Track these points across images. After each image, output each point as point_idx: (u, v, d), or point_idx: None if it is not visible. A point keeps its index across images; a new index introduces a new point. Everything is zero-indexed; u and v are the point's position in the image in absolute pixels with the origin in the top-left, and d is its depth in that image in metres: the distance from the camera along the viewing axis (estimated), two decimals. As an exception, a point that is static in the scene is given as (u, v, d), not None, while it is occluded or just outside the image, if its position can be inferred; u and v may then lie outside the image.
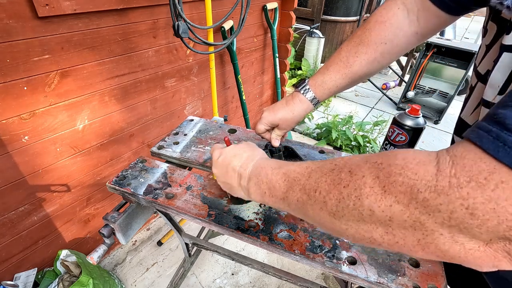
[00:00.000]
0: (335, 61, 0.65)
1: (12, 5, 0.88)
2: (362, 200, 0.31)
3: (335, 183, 0.35)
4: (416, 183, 0.28)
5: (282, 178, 0.44)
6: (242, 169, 0.52)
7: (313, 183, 0.38)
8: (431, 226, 0.27)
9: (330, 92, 0.67)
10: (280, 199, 0.43)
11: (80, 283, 1.17)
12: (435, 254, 0.29)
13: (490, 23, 0.46)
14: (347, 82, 0.65)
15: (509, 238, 0.24)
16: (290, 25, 2.29)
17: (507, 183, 0.23)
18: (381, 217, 0.30)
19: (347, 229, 0.34)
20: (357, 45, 0.62)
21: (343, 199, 0.33)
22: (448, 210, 0.26)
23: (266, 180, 0.46)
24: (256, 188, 0.48)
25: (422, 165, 0.28)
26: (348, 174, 0.34)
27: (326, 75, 0.66)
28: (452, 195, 0.25)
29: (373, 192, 0.30)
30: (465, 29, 5.63)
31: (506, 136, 0.23)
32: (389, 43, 0.61)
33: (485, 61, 0.47)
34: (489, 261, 0.26)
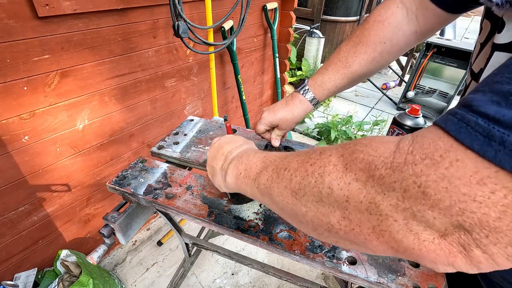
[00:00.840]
0: (334, 61, 0.65)
1: (12, 5, 0.88)
2: (323, 177, 0.31)
3: (304, 162, 0.35)
4: (375, 160, 0.27)
5: (260, 160, 0.44)
6: (229, 153, 0.52)
7: (285, 163, 0.38)
8: (385, 210, 0.26)
9: (330, 92, 0.67)
10: (252, 180, 0.43)
11: (80, 283, 1.17)
12: (389, 245, 0.27)
13: (485, 21, 0.45)
14: (347, 82, 0.65)
15: (463, 226, 0.22)
16: (290, 25, 2.29)
17: (462, 161, 0.22)
18: (339, 197, 0.29)
19: (307, 212, 0.33)
20: (356, 44, 0.62)
21: (306, 176, 0.33)
22: (401, 189, 0.25)
23: (246, 161, 0.46)
24: (234, 169, 0.48)
25: (384, 143, 0.28)
26: (318, 154, 0.34)
27: (326, 75, 0.66)
28: (405, 172, 0.25)
29: (336, 169, 0.30)
30: (465, 29, 5.64)
31: (469, 117, 0.22)
32: (388, 43, 0.61)
33: (478, 60, 0.47)
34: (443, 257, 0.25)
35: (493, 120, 0.21)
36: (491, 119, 0.21)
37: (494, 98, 0.22)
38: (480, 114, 0.22)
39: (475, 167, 0.21)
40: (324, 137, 2.82)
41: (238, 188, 0.48)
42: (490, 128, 0.21)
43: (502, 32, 0.36)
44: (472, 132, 0.22)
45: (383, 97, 3.93)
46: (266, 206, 0.45)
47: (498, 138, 0.20)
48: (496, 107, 0.21)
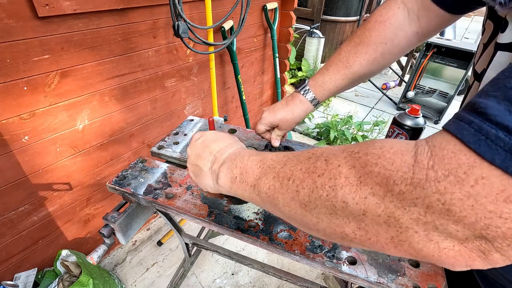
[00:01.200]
0: (335, 61, 0.65)
1: (12, 5, 0.88)
2: (336, 190, 0.30)
3: (310, 172, 0.33)
4: (392, 174, 0.26)
5: (257, 164, 0.41)
6: (219, 154, 0.49)
7: (287, 171, 0.36)
8: (405, 223, 0.26)
9: (330, 92, 0.67)
10: (250, 186, 0.41)
11: (80, 283, 1.17)
12: (408, 252, 0.28)
13: (487, 22, 0.45)
14: (347, 83, 0.65)
15: (485, 237, 0.23)
16: (290, 25, 2.29)
17: (487, 179, 0.21)
18: (354, 210, 0.28)
19: (318, 223, 0.33)
20: (357, 45, 0.62)
21: (316, 189, 0.31)
22: (424, 205, 0.24)
23: (241, 164, 0.43)
24: (228, 172, 0.45)
25: (399, 154, 0.27)
26: (324, 163, 0.32)
27: (326, 75, 0.65)
28: (428, 189, 0.24)
29: (348, 182, 0.29)
30: (465, 29, 5.63)
31: (488, 129, 0.22)
32: (389, 43, 0.60)
33: (481, 60, 0.47)
34: (462, 261, 0.25)
35: None
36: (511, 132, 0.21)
37: (511, 108, 0.21)
38: (498, 126, 0.21)
39: (501, 185, 0.21)
40: (324, 137, 2.82)
41: (233, 192, 0.45)
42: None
43: (505, 32, 0.36)
44: (493, 146, 0.21)
45: (383, 97, 3.93)
46: (268, 211, 0.43)
47: None
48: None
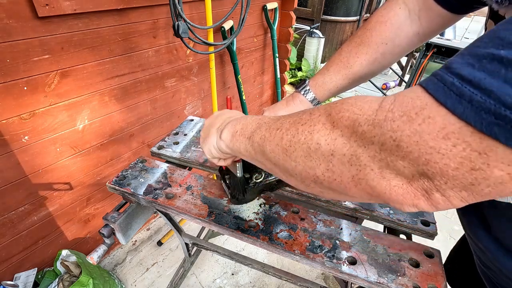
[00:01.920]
0: (335, 61, 0.65)
1: (12, 5, 0.88)
2: (312, 134, 0.34)
3: (296, 122, 0.37)
4: (359, 117, 0.30)
5: (256, 121, 0.46)
6: (229, 119, 0.53)
7: (278, 124, 0.40)
8: (364, 160, 0.29)
9: (331, 92, 0.67)
10: (247, 138, 0.45)
11: (80, 283, 1.17)
12: (365, 191, 0.31)
13: (489, 22, 0.46)
14: (348, 83, 0.65)
15: (427, 174, 0.26)
16: (290, 25, 2.29)
17: (433, 118, 0.24)
18: (325, 151, 0.32)
19: (296, 166, 0.37)
20: (358, 45, 0.62)
21: (297, 134, 0.36)
22: (379, 142, 0.28)
23: (244, 121, 0.48)
24: (231, 127, 0.49)
25: (368, 102, 0.30)
26: (308, 115, 0.37)
27: (327, 75, 0.65)
28: (384, 128, 0.27)
29: (324, 127, 0.33)
30: (465, 29, 5.64)
31: (447, 78, 0.25)
32: (390, 43, 0.60)
33: None
34: (409, 199, 0.28)
35: (466, 80, 0.23)
36: (465, 79, 0.23)
37: (470, 60, 0.24)
38: (456, 75, 0.24)
39: (443, 123, 0.24)
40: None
41: (232, 145, 0.49)
42: (463, 88, 0.23)
43: None
44: (447, 91, 0.24)
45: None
46: (258, 164, 0.47)
47: (467, 96, 0.23)
48: (470, 69, 0.23)
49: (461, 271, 0.70)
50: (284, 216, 0.70)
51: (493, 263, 0.48)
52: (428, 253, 0.62)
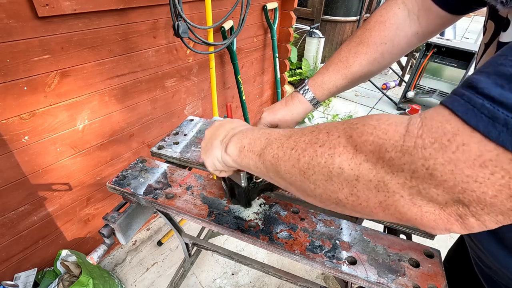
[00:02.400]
0: (334, 61, 0.65)
1: (12, 5, 0.88)
2: (334, 158, 0.32)
3: (312, 142, 0.35)
4: (385, 143, 0.28)
5: (264, 136, 0.44)
6: (232, 130, 0.51)
7: (292, 142, 0.38)
8: (393, 187, 0.28)
9: (330, 92, 0.66)
10: (257, 155, 0.43)
11: (80, 283, 1.17)
12: (394, 216, 0.30)
13: (489, 22, 0.45)
14: (347, 83, 0.65)
15: (462, 201, 0.25)
16: (290, 25, 2.29)
17: (467, 145, 0.23)
18: (349, 176, 0.31)
19: (315, 189, 0.35)
20: (357, 45, 0.62)
21: (316, 157, 0.34)
22: (410, 170, 0.26)
23: (251, 136, 0.46)
24: (237, 141, 0.47)
25: (393, 125, 0.29)
26: (326, 135, 0.35)
27: (326, 75, 0.65)
28: (415, 156, 0.26)
29: (346, 151, 0.31)
30: (465, 29, 5.64)
31: (476, 99, 0.23)
32: (389, 43, 0.60)
33: (483, 60, 0.47)
34: (442, 224, 0.27)
35: (497, 102, 0.22)
36: (496, 101, 0.22)
37: (498, 80, 0.23)
38: (485, 97, 0.23)
39: (479, 150, 0.23)
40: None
41: (240, 161, 0.47)
42: (495, 111, 0.22)
43: (507, 31, 0.37)
44: (478, 114, 0.23)
45: (383, 97, 3.93)
46: (270, 180, 0.45)
47: (501, 120, 0.22)
48: (500, 89, 0.22)
49: (459, 270, 0.70)
50: (284, 216, 0.70)
51: (494, 264, 0.48)
52: (428, 253, 0.62)
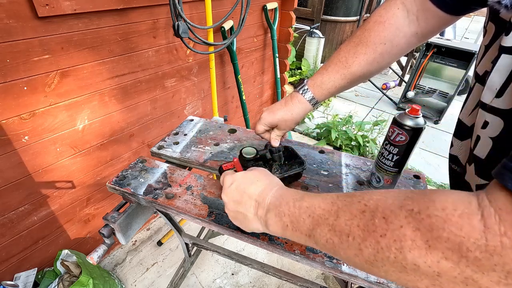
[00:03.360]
0: (334, 61, 0.65)
1: (12, 5, 0.88)
2: (404, 253, 0.30)
3: (370, 230, 0.33)
4: (464, 241, 0.26)
5: (306, 212, 0.41)
6: (261, 198, 0.48)
7: (343, 225, 0.36)
8: (485, 284, 0.26)
9: (329, 92, 0.66)
10: (305, 235, 0.41)
11: (80, 283, 1.17)
12: None
13: (489, 24, 0.45)
14: (346, 83, 0.65)
15: None
16: (290, 25, 2.29)
17: None
18: (428, 272, 0.29)
19: (387, 277, 0.33)
20: (356, 45, 0.62)
21: (381, 250, 0.32)
22: (504, 271, 0.25)
23: (289, 212, 0.43)
24: (277, 219, 0.45)
25: (466, 218, 0.27)
26: (383, 221, 0.32)
27: (325, 75, 0.65)
28: (506, 257, 0.24)
29: (416, 245, 0.29)
30: (465, 29, 5.64)
31: None
32: (388, 44, 0.60)
33: (483, 62, 0.47)
34: None
35: None
36: None
37: None
38: None
39: None
40: (324, 137, 2.82)
41: (286, 236, 0.45)
42: None
43: (510, 35, 0.37)
44: None
45: (383, 97, 3.93)
46: None
47: None
48: None
49: None
50: (284, 216, 0.70)
51: None
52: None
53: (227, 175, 0.56)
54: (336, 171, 0.86)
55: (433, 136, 3.17)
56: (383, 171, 0.74)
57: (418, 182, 0.83)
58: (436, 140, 3.12)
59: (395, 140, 0.69)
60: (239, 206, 0.51)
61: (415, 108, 0.65)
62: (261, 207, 0.48)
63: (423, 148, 2.96)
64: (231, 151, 0.93)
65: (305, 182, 0.81)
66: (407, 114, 0.66)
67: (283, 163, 0.75)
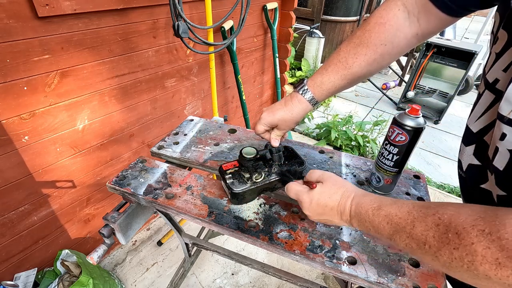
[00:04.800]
0: (334, 61, 0.65)
1: (12, 5, 0.88)
2: (476, 265, 0.33)
3: (444, 242, 0.37)
4: None
5: (384, 220, 0.46)
6: (341, 208, 0.55)
7: (419, 235, 0.40)
8: None
9: (329, 92, 0.67)
10: (387, 238, 0.47)
11: (80, 283, 1.17)
12: None
13: (501, 31, 0.45)
14: (346, 83, 0.65)
15: None
16: (290, 25, 2.29)
17: None
18: (499, 282, 0.32)
19: (464, 280, 0.36)
20: (357, 46, 0.62)
21: (455, 259, 0.35)
22: None
23: (369, 220, 0.49)
24: (360, 225, 0.52)
25: None
26: (456, 236, 0.36)
27: (325, 75, 0.65)
28: None
29: (486, 261, 0.32)
30: (465, 29, 5.64)
31: None
32: (389, 45, 0.60)
33: (494, 69, 0.47)
34: None
35: None
36: None
37: None
38: None
39: None
40: (324, 137, 2.82)
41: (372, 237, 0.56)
42: None
43: None
44: None
45: (383, 97, 3.93)
46: None
47: None
48: None
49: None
50: (284, 216, 0.70)
51: None
52: (428, 253, 0.62)
53: (303, 194, 0.60)
54: (336, 171, 0.86)
55: (433, 136, 3.17)
56: (383, 171, 0.74)
57: (418, 182, 0.83)
58: (436, 140, 3.12)
59: (395, 140, 0.69)
60: (323, 216, 0.58)
61: (415, 108, 0.66)
62: (344, 215, 0.55)
63: (423, 148, 2.96)
64: (231, 151, 0.93)
65: (305, 182, 0.81)
66: (407, 114, 0.66)
67: (283, 163, 0.75)
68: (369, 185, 0.81)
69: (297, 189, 0.62)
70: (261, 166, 0.73)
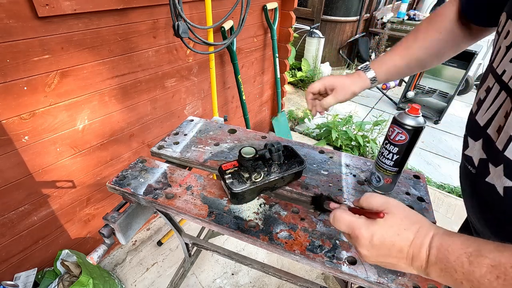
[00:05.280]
0: (396, 45, 0.75)
1: (12, 5, 0.88)
2: None
3: None
4: None
5: (491, 273, 0.34)
6: (416, 250, 0.42)
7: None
8: None
9: (389, 71, 0.74)
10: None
11: (80, 283, 1.17)
12: None
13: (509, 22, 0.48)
14: (405, 64, 0.73)
15: None
16: (290, 25, 2.29)
17: None
18: None
19: None
20: (416, 32, 0.73)
21: None
22: None
23: (462, 270, 0.36)
24: (445, 274, 0.39)
25: None
26: None
27: (387, 55, 0.75)
28: None
29: None
30: (465, 29, 5.63)
31: None
32: (444, 33, 0.69)
33: (504, 62, 0.48)
34: None
35: None
36: None
37: None
38: None
39: None
40: (324, 137, 2.82)
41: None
42: None
43: None
44: None
45: (383, 97, 3.93)
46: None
47: None
48: None
49: None
50: (284, 216, 0.70)
51: None
52: (428, 253, 0.62)
53: (361, 227, 0.45)
54: (336, 171, 0.86)
55: (433, 136, 3.17)
56: (383, 171, 0.74)
57: (418, 182, 0.83)
58: (436, 140, 3.12)
59: (395, 140, 0.69)
60: (387, 258, 0.45)
61: (415, 108, 0.65)
62: (417, 260, 0.42)
63: (423, 148, 2.96)
64: (231, 151, 0.93)
65: (305, 181, 0.81)
66: (407, 114, 0.66)
67: (283, 162, 0.75)
68: (369, 185, 0.81)
69: (350, 219, 0.46)
70: (261, 165, 0.73)
